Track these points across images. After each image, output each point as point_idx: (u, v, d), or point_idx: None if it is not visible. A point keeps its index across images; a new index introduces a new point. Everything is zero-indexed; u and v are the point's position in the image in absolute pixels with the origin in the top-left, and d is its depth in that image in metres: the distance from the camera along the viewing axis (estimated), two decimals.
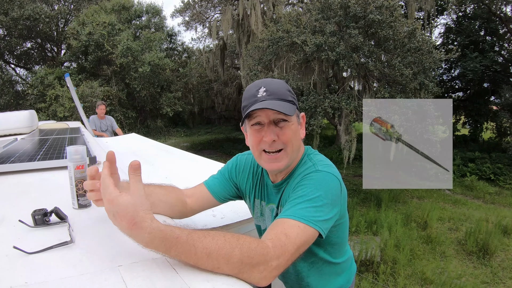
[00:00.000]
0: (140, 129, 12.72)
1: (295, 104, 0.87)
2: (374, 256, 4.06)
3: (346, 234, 1.00)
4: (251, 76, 8.38)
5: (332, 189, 0.80)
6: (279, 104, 0.82)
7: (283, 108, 0.82)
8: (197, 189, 1.05)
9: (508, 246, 4.71)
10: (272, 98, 0.83)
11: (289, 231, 0.70)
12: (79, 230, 0.76)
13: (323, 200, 0.76)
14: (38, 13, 12.22)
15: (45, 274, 0.57)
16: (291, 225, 0.71)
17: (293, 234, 0.69)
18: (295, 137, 0.86)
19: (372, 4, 6.28)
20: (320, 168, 0.84)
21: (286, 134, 0.84)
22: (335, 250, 0.98)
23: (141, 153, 2.36)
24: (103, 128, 5.15)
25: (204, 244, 0.60)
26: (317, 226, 0.73)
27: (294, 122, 0.87)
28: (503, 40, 10.75)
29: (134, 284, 0.54)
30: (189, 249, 0.59)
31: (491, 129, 11.49)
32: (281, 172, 0.92)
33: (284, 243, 0.67)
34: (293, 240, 0.69)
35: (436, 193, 7.37)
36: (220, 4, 13.07)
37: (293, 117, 0.85)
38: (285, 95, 0.85)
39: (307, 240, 0.72)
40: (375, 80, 7.38)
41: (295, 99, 0.88)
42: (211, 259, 0.60)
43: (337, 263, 1.01)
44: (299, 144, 0.90)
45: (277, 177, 0.94)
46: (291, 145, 0.85)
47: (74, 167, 0.88)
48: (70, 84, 3.80)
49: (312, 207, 0.75)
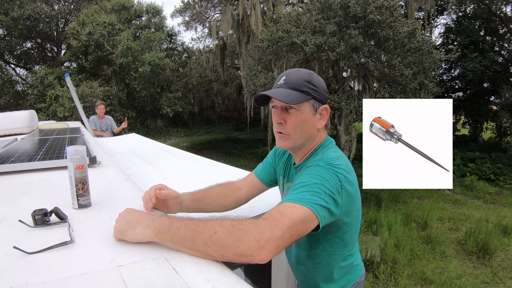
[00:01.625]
0: (140, 129, 12.71)
1: (310, 94, 0.93)
2: (374, 256, 4.06)
3: (349, 238, 0.98)
4: (251, 76, 8.37)
5: (329, 181, 0.82)
6: (285, 93, 0.90)
7: (286, 96, 0.89)
8: (248, 179, 1.20)
9: (508, 246, 4.71)
10: (286, 86, 0.92)
11: (283, 209, 0.73)
12: (79, 230, 0.76)
13: (319, 187, 0.79)
14: (38, 13, 12.21)
15: (45, 274, 0.57)
16: (285, 205, 0.75)
17: (287, 211, 0.72)
18: (301, 125, 0.93)
19: (372, 4, 6.28)
20: (321, 164, 0.87)
21: (291, 120, 0.93)
22: (334, 251, 0.98)
23: (141, 153, 2.36)
24: (103, 128, 5.16)
25: (205, 218, 0.70)
26: (312, 207, 0.75)
27: (305, 112, 0.93)
28: (503, 40, 10.75)
29: (134, 284, 0.54)
30: (188, 221, 0.69)
31: (491, 129, 11.49)
32: (298, 155, 1.02)
33: (277, 218, 0.70)
34: (287, 216, 0.71)
35: (436, 193, 7.37)
36: (220, 4, 13.07)
37: (304, 106, 0.92)
38: (300, 86, 0.92)
39: (303, 218, 0.73)
40: (375, 80, 7.38)
41: (314, 90, 0.94)
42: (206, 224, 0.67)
43: (334, 266, 1.00)
44: (310, 133, 0.96)
45: (297, 159, 1.03)
46: (296, 131, 0.93)
47: (74, 167, 0.88)
48: (70, 84, 3.80)
49: (308, 191, 0.78)
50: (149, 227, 0.69)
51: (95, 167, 1.42)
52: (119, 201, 0.99)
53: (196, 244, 0.65)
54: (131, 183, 1.22)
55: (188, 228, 0.67)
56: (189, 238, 0.66)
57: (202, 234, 0.65)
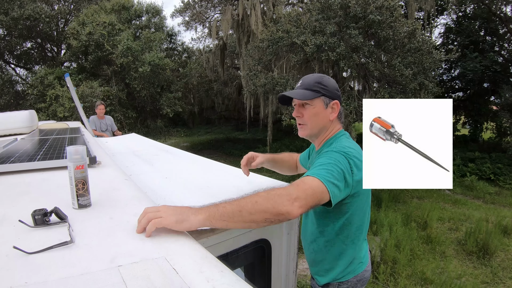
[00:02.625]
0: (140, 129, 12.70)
1: (320, 92, 1.16)
2: (374, 256, 4.06)
3: (357, 221, 1.15)
4: (251, 76, 8.37)
5: (341, 162, 1.01)
6: (299, 92, 1.17)
7: (299, 95, 1.16)
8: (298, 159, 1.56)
9: (508, 246, 4.71)
10: (300, 88, 1.19)
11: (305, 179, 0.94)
12: (79, 230, 0.76)
13: (332, 166, 0.99)
14: (38, 13, 12.20)
15: (45, 274, 0.57)
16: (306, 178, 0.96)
17: (308, 180, 0.93)
18: (314, 116, 1.18)
19: (372, 4, 6.28)
20: (335, 150, 1.07)
21: (306, 113, 1.19)
22: (342, 231, 1.15)
23: (141, 153, 2.36)
24: (103, 128, 5.16)
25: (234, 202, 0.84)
26: (325, 183, 0.93)
27: (317, 106, 1.17)
28: (503, 40, 10.74)
29: (134, 284, 0.54)
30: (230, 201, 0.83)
31: (491, 129, 11.49)
32: (316, 142, 1.28)
33: (300, 184, 0.91)
34: (308, 184, 0.92)
35: (436, 193, 7.37)
36: (220, 4, 13.08)
37: (316, 102, 1.17)
38: (311, 86, 1.17)
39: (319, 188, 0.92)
40: (375, 80, 7.38)
41: (323, 88, 1.17)
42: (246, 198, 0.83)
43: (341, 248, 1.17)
44: (322, 123, 1.20)
45: (316, 145, 1.30)
46: (310, 121, 1.19)
47: (74, 167, 0.88)
48: (70, 84, 3.80)
49: (324, 169, 0.97)
50: (200, 213, 0.80)
51: (95, 167, 1.42)
52: (119, 201, 0.99)
53: (243, 216, 0.81)
54: (131, 183, 1.22)
55: (233, 205, 0.82)
56: (237, 212, 0.80)
57: (246, 206, 0.81)
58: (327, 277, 1.21)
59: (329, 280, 1.21)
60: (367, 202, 1.17)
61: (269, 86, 7.62)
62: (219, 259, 0.67)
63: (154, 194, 1.31)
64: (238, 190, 1.37)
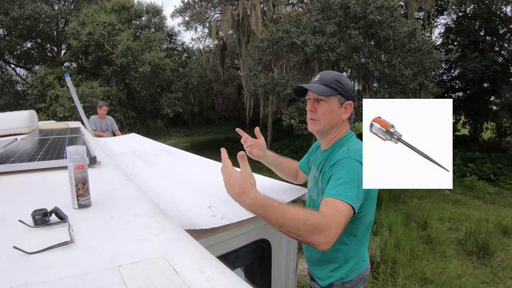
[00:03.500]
0: (140, 129, 12.70)
1: (337, 90, 1.15)
2: (374, 256, 4.05)
3: (365, 219, 1.17)
4: (251, 76, 8.37)
5: (360, 173, 1.03)
6: (317, 87, 1.15)
7: (318, 89, 1.14)
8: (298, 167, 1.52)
9: (508, 246, 4.71)
10: (318, 82, 1.16)
11: (339, 208, 0.95)
12: (79, 230, 0.76)
13: (354, 182, 1.01)
14: (38, 13, 12.20)
15: (45, 274, 0.57)
16: (338, 203, 0.96)
17: (342, 210, 0.95)
18: (329, 113, 1.17)
19: (372, 4, 6.28)
20: (352, 156, 1.07)
21: (321, 109, 1.17)
22: (350, 230, 1.15)
23: (141, 153, 2.36)
24: (103, 128, 5.15)
25: (289, 210, 0.88)
26: (353, 203, 0.97)
27: (332, 104, 1.16)
28: (503, 40, 10.74)
29: (134, 284, 0.54)
30: (279, 213, 0.87)
31: (491, 129, 11.49)
32: (324, 140, 1.25)
33: (338, 217, 0.92)
34: (343, 214, 0.94)
35: (436, 193, 7.37)
36: (220, 4, 13.08)
37: (332, 99, 1.16)
38: (330, 83, 1.15)
39: (350, 214, 0.97)
40: (375, 80, 7.38)
41: (340, 87, 1.16)
42: (293, 221, 0.86)
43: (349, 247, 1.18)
44: (335, 121, 1.19)
45: (323, 144, 1.27)
46: (323, 118, 1.17)
47: (74, 167, 0.88)
48: (70, 84, 3.79)
49: (349, 188, 0.99)
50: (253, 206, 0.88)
51: (95, 167, 1.42)
52: (119, 201, 0.99)
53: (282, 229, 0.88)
54: (131, 183, 1.22)
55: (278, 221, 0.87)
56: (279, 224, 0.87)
57: (288, 226, 0.87)
58: (332, 277, 1.20)
59: (333, 280, 1.20)
60: (374, 200, 1.21)
61: (269, 86, 7.61)
62: (219, 259, 0.67)
63: (154, 194, 1.31)
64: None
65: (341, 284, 1.19)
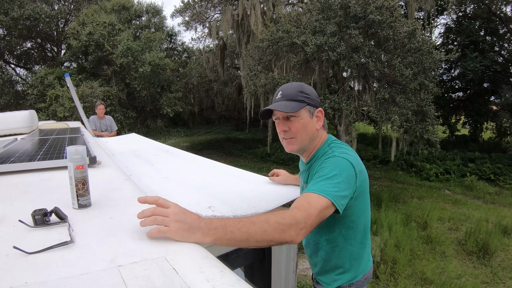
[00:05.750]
0: (140, 129, 12.70)
1: (305, 102, 1.10)
2: (374, 256, 4.06)
3: (362, 222, 1.13)
4: (251, 76, 8.37)
5: (346, 170, 0.99)
6: (284, 104, 1.08)
7: (286, 107, 1.08)
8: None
9: (508, 246, 4.71)
10: (284, 99, 1.11)
11: (311, 200, 0.91)
12: (79, 230, 0.76)
13: (338, 178, 0.96)
14: (38, 13, 12.20)
15: (45, 274, 0.57)
16: (312, 196, 0.92)
17: (314, 202, 0.90)
18: (304, 128, 1.11)
19: (372, 4, 6.28)
20: (336, 154, 1.05)
21: (294, 126, 1.11)
22: (349, 234, 1.13)
23: (141, 153, 2.36)
24: (103, 128, 5.15)
25: (248, 218, 0.81)
26: (331, 198, 0.91)
27: (303, 117, 1.11)
28: (503, 40, 10.74)
29: (134, 284, 0.54)
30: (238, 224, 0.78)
31: (491, 129, 11.49)
32: (304, 154, 1.20)
33: (307, 208, 0.88)
34: (314, 206, 0.89)
35: (436, 193, 7.38)
36: (220, 4, 13.08)
37: (302, 113, 1.10)
38: (295, 96, 1.10)
39: (326, 207, 0.91)
40: (375, 80, 7.38)
41: (307, 97, 1.11)
42: (256, 225, 0.79)
43: (350, 251, 1.14)
44: (312, 133, 1.13)
45: (304, 157, 1.22)
46: (300, 134, 1.12)
47: (74, 167, 0.88)
48: (70, 84, 3.79)
49: (329, 183, 0.95)
50: (207, 235, 0.75)
51: (95, 167, 1.42)
52: (119, 201, 0.99)
53: (250, 243, 0.80)
54: (131, 183, 1.22)
55: (242, 232, 0.78)
56: (244, 240, 0.78)
57: (255, 235, 0.79)
58: (339, 280, 1.18)
59: (341, 283, 1.18)
60: (368, 200, 1.15)
61: (270, 86, 7.61)
62: (219, 259, 0.67)
63: (154, 194, 1.30)
64: (238, 190, 1.37)
65: (348, 286, 1.17)
